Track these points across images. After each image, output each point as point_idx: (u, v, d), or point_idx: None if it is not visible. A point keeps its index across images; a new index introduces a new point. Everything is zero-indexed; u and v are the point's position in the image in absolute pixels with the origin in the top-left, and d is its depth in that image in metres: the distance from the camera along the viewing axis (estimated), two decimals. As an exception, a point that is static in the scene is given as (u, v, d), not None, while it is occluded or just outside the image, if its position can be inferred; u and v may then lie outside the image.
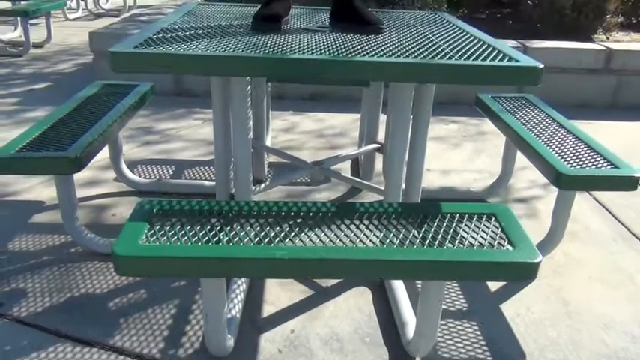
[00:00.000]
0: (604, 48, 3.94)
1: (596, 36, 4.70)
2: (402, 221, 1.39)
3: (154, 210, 1.38)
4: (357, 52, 1.48)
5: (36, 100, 3.71)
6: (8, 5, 5.99)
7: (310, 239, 1.29)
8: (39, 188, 2.44)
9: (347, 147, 3.10)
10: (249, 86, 1.72)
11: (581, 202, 2.54)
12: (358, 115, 3.53)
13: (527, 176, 2.82)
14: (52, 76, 4.34)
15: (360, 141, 2.93)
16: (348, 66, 1.43)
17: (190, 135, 3.18)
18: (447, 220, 1.40)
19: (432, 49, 1.58)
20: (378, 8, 4.30)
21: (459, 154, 3.10)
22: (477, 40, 1.76)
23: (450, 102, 3.94)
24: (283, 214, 1.41)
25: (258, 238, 1.28)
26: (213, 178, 2.62)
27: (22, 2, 5.45)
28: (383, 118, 2.72)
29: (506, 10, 5.95)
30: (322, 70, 1.46)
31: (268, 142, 2.87)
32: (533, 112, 2.40)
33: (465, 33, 1.89)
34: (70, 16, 7.23)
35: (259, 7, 1.93)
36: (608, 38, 4.58)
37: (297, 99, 3.92)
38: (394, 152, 1.76)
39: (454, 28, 1.98)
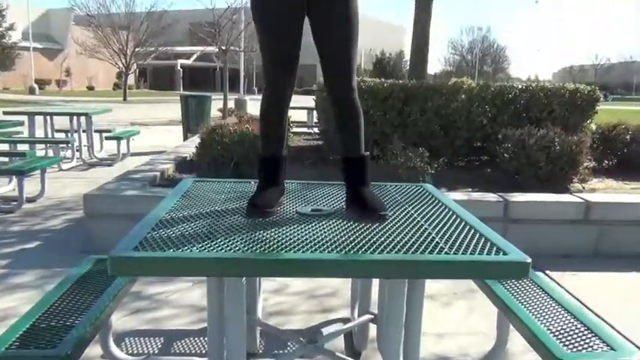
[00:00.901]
0: (582, 200, 4.11)
1: (572, 184, 4.92)
2: None
3: None
4: (348, 247, 1.52)
5: (26, 262, 3.70)
6: (5, 160, 6.19)
7: None
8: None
9: (339, 310, 3.08)
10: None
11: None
12: (348, 273, 3.54)
13: (522, 339, 2.78)
14: (44, 234, 4.37)
15: (352, 302, 2.92)
16: (339, 266, 1.48)
17: (180, 300, 3.15)
18: None
19: (422, 239, 1.64)
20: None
21: (451, 314, 3.09)
22: (463, 224, 1.83)
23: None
24: (280, 423, 1.36)
25: None
26: (204, 352, 2.55)
27: (18, 159, 5.63)
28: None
29: (484, 158, 6.26)
30: (315, 271, 1.50)
31: (260, 309, 2.84)
32: (524, 280, 2.43)
33: (451, 214, 1.97)
34: (64, 167, 7.43)
35: (255, 189, 2.02)
36: (584, 187, 4.80)
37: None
38: (389, 339, 1.75)
39: (440, 207, 2.07)
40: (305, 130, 9.99)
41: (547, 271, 3.73)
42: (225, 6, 18.42)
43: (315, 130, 9.57)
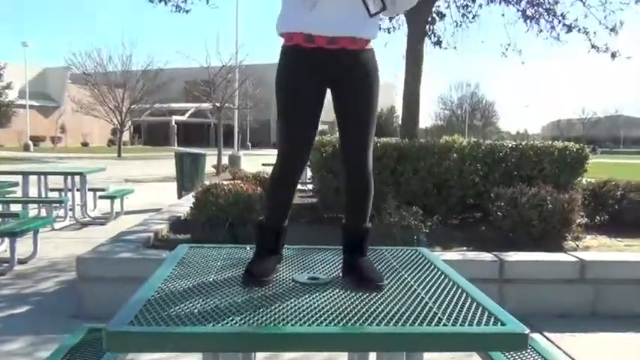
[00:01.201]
0: (577, 259, 4.12)
1: (565, 242, 4.93)
2: None
3: None
4: (346, 319, 1.52)
5: (16, 327, 3.63)
6: (-3, 220, 6.15)
7: None
8: None
9: (336, 377, 3.02)
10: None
11: None
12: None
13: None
14: (35, 297, 4.30)
15: (348, 369, 2.86)
16: (337, 340, 1.47)
17: (173, 367, 3.08)
18: None
19: (419, 309, 1.63)
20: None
21: (450, 380, 3.03)
22: (460, 292, 1.83)
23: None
24: None
25: None
26: None
27: (11, 220, 5.60)
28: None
29: (478, 215, 6.29)
30: (313, 346, 1.50)
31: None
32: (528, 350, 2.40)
33: (447, 280, 1.97)
34: (57, 226, 7.37)
35: (251, 255, 2.02)
36: (578, 246, 4.81)
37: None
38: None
39: (436, 273, 2.06)
40: (299, 187, 10.01)
41: (545, 332, 3.69)
42: (220, 65, 18.90)
43: (310, 187, 9.61)
